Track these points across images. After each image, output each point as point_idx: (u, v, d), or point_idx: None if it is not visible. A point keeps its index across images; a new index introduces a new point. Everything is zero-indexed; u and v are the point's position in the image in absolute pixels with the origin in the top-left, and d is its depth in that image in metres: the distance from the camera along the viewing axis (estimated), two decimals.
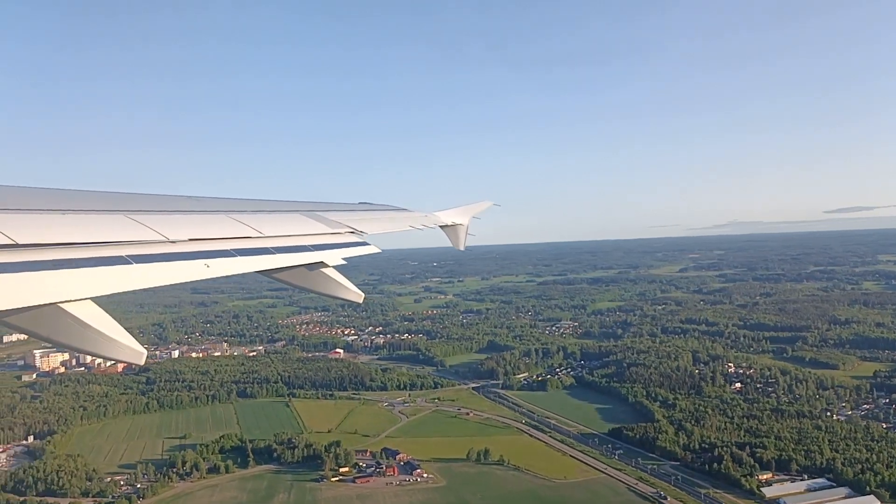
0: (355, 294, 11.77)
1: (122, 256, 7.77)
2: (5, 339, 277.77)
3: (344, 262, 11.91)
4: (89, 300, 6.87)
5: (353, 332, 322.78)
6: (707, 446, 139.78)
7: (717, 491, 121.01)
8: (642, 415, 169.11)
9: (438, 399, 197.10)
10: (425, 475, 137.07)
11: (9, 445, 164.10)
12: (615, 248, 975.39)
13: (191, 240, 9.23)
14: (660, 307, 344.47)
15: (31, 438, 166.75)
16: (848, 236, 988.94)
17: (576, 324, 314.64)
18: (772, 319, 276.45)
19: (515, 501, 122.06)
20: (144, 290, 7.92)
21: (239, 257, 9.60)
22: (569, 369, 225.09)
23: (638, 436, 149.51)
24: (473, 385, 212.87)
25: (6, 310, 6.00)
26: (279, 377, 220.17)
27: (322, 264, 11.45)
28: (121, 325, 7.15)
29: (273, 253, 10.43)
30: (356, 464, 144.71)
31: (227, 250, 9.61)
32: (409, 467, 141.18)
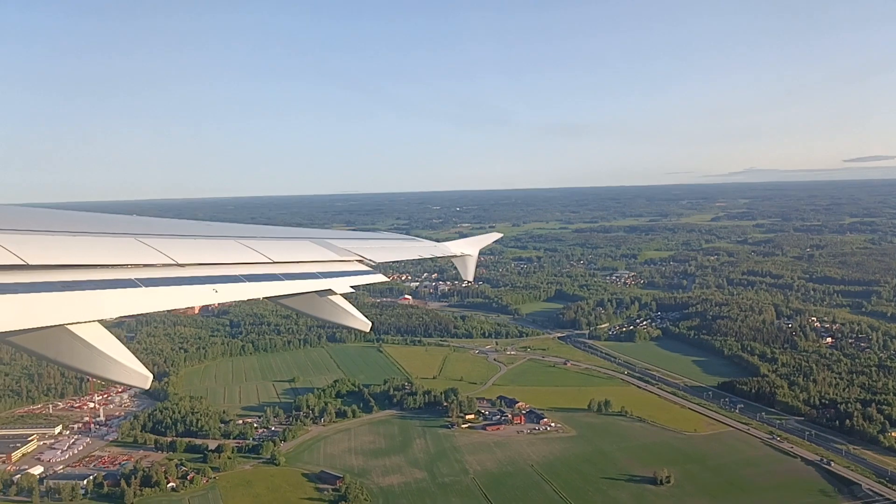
0: (362, 322, 11.80)
1: (130, 279, 7.83)
2: None
3: (352, 290, 11.88)
4: (96, 322, 6.92)
5: (409, 277, 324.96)
6: (827, 402, 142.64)
7: (856, 448, 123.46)
8: (743, 369, 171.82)
9: (529, 348, 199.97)
10: (553, 424, 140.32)
11: (127, 386, 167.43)
12: (636, 196, 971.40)
13: (200, 264, 9.28)
14: (712, 258, 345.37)
15: None
16: (872, 186, 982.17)
17: (634, 273, 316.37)
18: (836, 273, 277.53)
19: (655, 453, 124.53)
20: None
21: (247, 283, 9.67)
22: (649, 320, 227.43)
23: (753, 390, 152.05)
24: (558, 334, 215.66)
25: (12, 330, 6.06)
26: None
27: (330, 292, 11.46)
28: None
29: (281, 279, 10.50)
30: (479, 411, 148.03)
31: (235, 276, 9.70)
32: (533, 416, 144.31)
